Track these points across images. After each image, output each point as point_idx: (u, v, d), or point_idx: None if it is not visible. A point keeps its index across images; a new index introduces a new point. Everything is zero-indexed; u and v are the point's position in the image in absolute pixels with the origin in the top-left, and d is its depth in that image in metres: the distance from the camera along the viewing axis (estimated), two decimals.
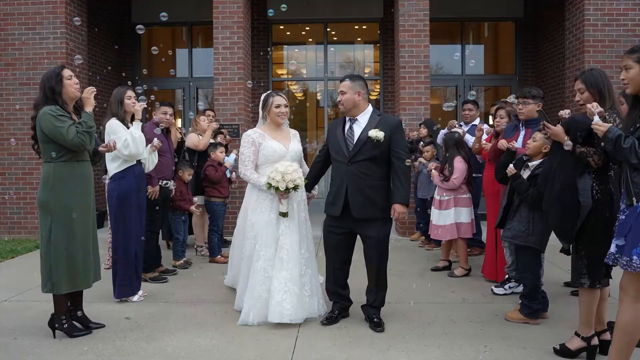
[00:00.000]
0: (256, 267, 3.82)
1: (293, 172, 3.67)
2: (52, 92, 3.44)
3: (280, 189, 3.67)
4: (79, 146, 3.41)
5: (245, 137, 3.96)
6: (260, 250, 3.82)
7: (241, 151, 3.94)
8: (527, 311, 3.74)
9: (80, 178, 3.50)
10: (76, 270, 3.48)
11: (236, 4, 7.20)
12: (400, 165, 3.60)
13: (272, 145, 3.92)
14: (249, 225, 3.96)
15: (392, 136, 3.61)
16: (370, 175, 3.61)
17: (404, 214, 3.62)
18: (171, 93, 10.22)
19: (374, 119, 3.68)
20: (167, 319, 3.96)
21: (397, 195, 3.58)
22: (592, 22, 7.11)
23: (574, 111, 4.75)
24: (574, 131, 3.07)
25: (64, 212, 3.41)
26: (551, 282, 4.71)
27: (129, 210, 4.25)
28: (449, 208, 5.15)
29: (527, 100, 4.35)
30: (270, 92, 4.13)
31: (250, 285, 3.84)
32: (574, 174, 3.05)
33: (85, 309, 3.85)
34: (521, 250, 3.76)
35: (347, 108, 3.70)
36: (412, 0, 7.16)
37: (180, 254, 5.60)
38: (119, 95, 4.38)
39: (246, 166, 3.92)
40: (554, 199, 3.13)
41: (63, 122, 3.35)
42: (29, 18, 7.38)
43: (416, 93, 7.20)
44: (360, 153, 3.62)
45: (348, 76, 3.77)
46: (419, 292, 4.63)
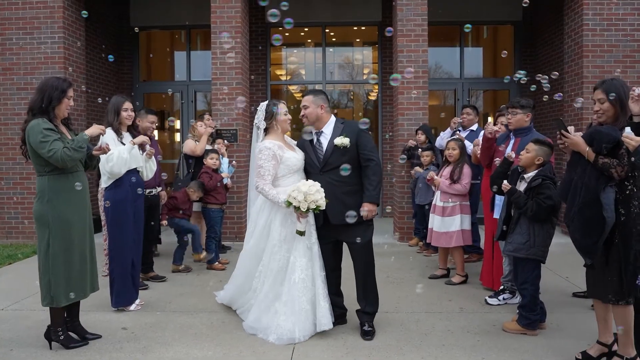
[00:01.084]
0: (293, 279, 3.70)
1: (316, 193, 3.53)
2: (49, 103, 3.42)
3: (302, 209, 3.54)
4: (62, 162, 3.30)
5: (265, 150, 3.75)
6: (296, 261, 3.73)
7: (259, 164, 3.74)
8: (525, 322, 3.73)
9: (74, 190, 3.48)
10: (74, 282, 3.47)
11: (234, 8, 7.18)
12: (370, 165, 3.69)
13: (292, 155, 3.84)
14: (280, 240, 3.78)
15: (358, 140, 3.72)
16: (344, 182, 3.67)
17: (373, 212, 3.70)
18: (169, 96, 10.20)
19: (338, 127, 3.79)
20: (164, 330, 3.95)
21: (366, 195, 3.68)
22: (590, 27, 7.10)
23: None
24: (599, 142, 2.97)
25: (62, 225, 3.39)
26: (549, 290, 4.70)
27: (124, 220, 4.23)
28: (453, 215, 5.11)
29: (516, 110, 4.35)
30: (271, 102, 4.00)
31: (287, 300, 3.70)
32: (596, 187, 2.95)
33: (82, 318, 3.85)
34: (521, 261, 3.75)
35: (311, 121, 3.81)
36: (411, 5, 7.14)
37: (181, 258, 5.64)
38: (117, 105, 4.33)
39: (265, 181, 3.72)
40: (575, 212, 3.03)
41: (47, 137, 3.30)
42: (26, 23, 7.36)
43: (414, 98, 7.18)
44: (330, 162, 3.72)
45: (310, 91, 3.89)
46: (416, 300, 4.62)
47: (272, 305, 3.78)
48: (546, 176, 3.62)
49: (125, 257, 4.26)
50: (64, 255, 3.41)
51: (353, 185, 3.73)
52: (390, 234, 7.73)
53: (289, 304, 3.71)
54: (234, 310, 4.26)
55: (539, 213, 3.59)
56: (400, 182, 7.30)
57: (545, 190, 3.58)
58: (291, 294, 3.71)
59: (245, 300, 4.11)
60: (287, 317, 3.69)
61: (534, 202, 3.60)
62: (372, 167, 3.69)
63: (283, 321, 3.68)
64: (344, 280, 4.09)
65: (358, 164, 3.74)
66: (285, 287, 3.75)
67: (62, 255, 3.40)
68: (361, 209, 3.66)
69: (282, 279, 3.78)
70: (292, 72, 10.38)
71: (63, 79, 3.56)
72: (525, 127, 4.37)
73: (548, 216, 3.63)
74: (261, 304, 3.83)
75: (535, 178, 3.66)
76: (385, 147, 9.37)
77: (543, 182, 3.60)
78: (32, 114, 3.41)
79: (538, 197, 3.60)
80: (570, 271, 5.50)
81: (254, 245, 3.99)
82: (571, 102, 7.46)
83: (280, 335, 3.64)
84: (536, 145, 3.73)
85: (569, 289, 4.92)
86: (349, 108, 10.59)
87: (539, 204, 3.57)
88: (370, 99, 10.36)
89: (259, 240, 3.93)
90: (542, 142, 3.77)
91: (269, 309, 3.78)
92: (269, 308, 3.78)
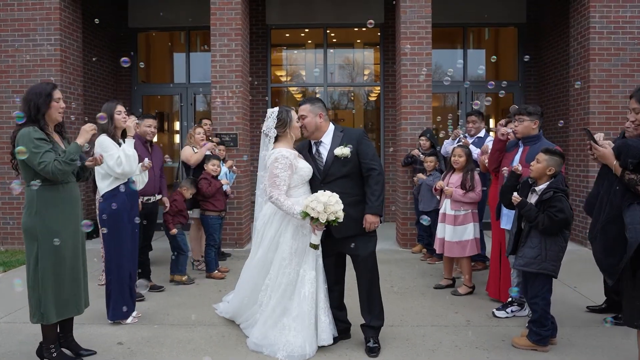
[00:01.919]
0: (303, 293, 3.58)
1: (335, 204, 3.34)
2: (37, 111, 3.27)
3: (321, 220, 3.34)
4: (52, 175, 3.17)
5: (282, 159, 3.54)
6: (305, 274, 3.61)
7: (275, 173, 3.53)
8: (535, 338, 3.59)
9: (66, 201, 3.34)
10: (66, 298, 3.33)
11: (234, 10, 7.04)
12: (372, 175, 3.56)
13: (305, 165, 3.68)
14: (291, 253, 3.63)
15: (359, 149, 3.58)
16: (345, 193, 3.52)
17: (375, 223, 3.57)
18: (169, 99, 10.07)
19: (337, 136, 3.66)
20: (162, 345, 3.81)
21: (368, 206, 3.55)
22: (597, 30, 6.97)
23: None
24: (625, 157, 2.83)
25: (51, 238, 3.24)
26: (557, 302, 4.55)
27: (121, 230, 4.09)
28: (466, 223, 4.97)
29: (523, 117, 4.19)
30: (284, 108, 3.79)
31: (298, 315, 3.56)
32: (621, 204, 2.80)
33: (76, 332, 3.72)
34: (532, 275, 3.61)
35: (310, 131, 3.68)
36: (414, 7, 7.01)
37: (184, 269, 5.48)
38: (109, 110, 4.19)
39: (281, 191, 3.52)
40: (598, 230, 2.89)
41: (39, 148, 3.16)
42: (22, 24, 7.22)
43: (418, 102, 7.05)
44: (331, 173, 3.60)
45: (307, 99, 3.74)
46: (421, 313, 4.49)
47: (279, 321, 3.63)
48: (558, 188, 3.48)
49: (123, 268, 4.13)
50: (53, 270, 3.26)
51: (355, 195, 3.59)
52: (393, 240, 7.60)
53: (299, 319, 3.57)
54: (237, 324, 4.11)
55: (551, 227, 3.45)
56: (403, 188, 7.16)
57: (557, 203, 3.44)
58: (302, 309, 3.57)
59: (250, 314, 3.95)
60: (298, 332, 3.54)
61: (546, 216, 3.46)
62: (375, 176, 3.55)
63: (293, 337, 3.54)
64: (349, 292, 3.95)
65: (360, 173, 3.61)
66: (295, 301, 3.61)
67: (51, 270, 3.25)
68: (363, 220, 3.53)
69: (292, 293, 3.63)
70: (293, 74, 10.25)
71: (46, 82, 3.41)
72: (534, 135, 4.22)
73: (560, 230, 3.49)
74: (268, 319, 3.67)
75: (547, 190, 3.51)
76: (387, 150, 9.23)
77: (555, 195, 3.46)
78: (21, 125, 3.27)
79: (549, 210, 3.46)
80: (579, 280, 5.37)
81: (261, 257, 3.81)
82: (577, 107, 7.32)
83: (291, 352, 3.49)
84: (547, 155, 3.58)
85: (578, 300, 4.79)
86: (350, 109, 10.47)
87: (550, 217, 3.44)
88: (371, 100, 10.23)
89: (266, 252, 3.77)
90: (553, 151, 3.62)
91: (276, 325, 3.63)
92: (276, 324, 3.63)
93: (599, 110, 6.97)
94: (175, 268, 5.44)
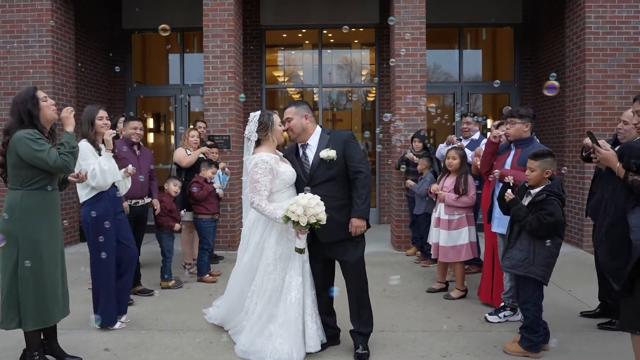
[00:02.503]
0: (289, 299, 3.53)
1: (316, 206, 3.29)
2: (30, 116, 3.24)
3: (302, 224, 3.30)
4: (63, 169, 3.23)
5: (262, 163, 3.50)
6: (292, 280, 3.56)
7: (255, 178, 3.49)
8: (527, 344, 3.54)
9: (48, 207, 3.29)
10: (45, 305, 3.26)
11: (227, 11, 6.98)
12: (358, 178, 3.49)
13: (288, 169, 3.63)
14: (276, 258, 3.58)
15: (345, 151, 3.52)
16: (332, 197, 3.48)
17: (361, 227, 3.50)
18: (164, 100, 10.02)
19: (324, 138, 3.60)
20: (148, 351, 3.76)
21: (354, 209, 3.48)
22: (593, 30, 6.91)
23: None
24: (628, 158, 2.78)
25: (32, 244, 3.19)
26: (551, 306, 4.51)
27: (106, 236, 4.02)
28: (460, 227, 4.90)
29: (514, 120, 4.14)
30: (265, 112, 3.76)
31: (284, 321, 3.51)
32: (625, 206, 2.76)
33: (62, 338, 3.67)
34: (522, 280, 3.55)
35: (297, 133, 3.63)
36: (409, 8, 6.95)
37: (170, 274, 5.39)
38: (90, 115, 4.11)
39: (262, 196, 3.48)
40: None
41: (42, 146, 3.15)
42: (14, 26, 7.17)
43: (412, 103, 6.99)
44: (317, 176, 3.54)
45: (291, 102, 3.70)
46: (413, 317, 4.43)
47: (266, 328, 3.57)
48: (552, 192, 3.42)
49: (108, 274, 4.07)
50: (34, 277, 3.20)
51: (342, 199, 3.53)
52: (387, 243, 7.54)
53: (286, 325, 3.51)
54: (226, 330, 4.05)
55: (538, 229, 3.40)
56: (397, 190, 7.11)
57: (548, 206, 3.38)
58: (288, 315, 3.52)
59: (238, 321, 3.89)
60: (284, 339, 3.49)
61: (535, 217, 3.41)
62: (361, 179, 3.49)
63: (279, 344, 3.48)
64: (339, 297, 3.90)
65: (347, 176, 3.55)
66: (281, 308, 3.55)
67: (32, 277, 3.19)
68: (349, 224, 3.48)
69: (277, 299, 3.58)
70: (287, 75, 10.19)
71: (27, 87, 3.38)
72: (526, 138, 4.17)
73: (549, 234, 3.43)
74: (254, 326, 3.61)
75: (540, 193, 3.46)
76: (382, 152, 9.18)
77: (547, 198, 3.40)
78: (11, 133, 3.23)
79: (539, 213, 3.41)
80: (574, 283, 5.32)
81: (246, 263, 3.76)
82: (572, 108, 7.27)
83: (278, 359, 3.44)
84: (537, 161, 3.52)
85: (573, 304, 4.73)
86: (345, 110, 10.43)
87: (539, 219, 3.39)
88: (367, 101, 10.18)
89: (252, 258, 3.72)
90: (542, 154, 3.54)
91: (263, 332, 3.57)
92: (263, 331, 3.57)
93: (594, 111, 6.92)
94: (162, 274, 5.39)
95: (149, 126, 10.33)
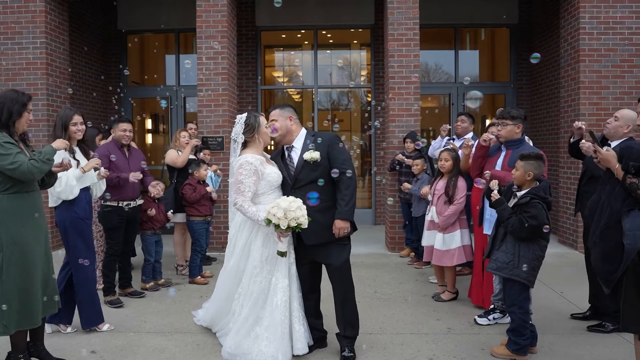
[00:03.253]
0: (275, 302, 3.51)
1: (297, 210, 3.28)
2: (9, 117, 3.22)
3: (282, 227, 3.29)
4: (26, 174, 3.11)
5: (246, 165, 3.50)
6: (278, 282, 3.54)
7: (239, 179, 3.49)
8: (514, 347, 3.52)
9: (31, 209, 3.26)
10: (29, 308, 3.24)
11: (220, 12, 6.98)
12: (342, 179, 3.48)
13: (273, 171, 3.62)
14: (262, 261, 3.56)
15: (329, 153, 3.52)
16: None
17: (344, 229, 3.49)
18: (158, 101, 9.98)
19: (308, 139, 3.60)
20: (135, 354, 3.75)
21: (337, 211, 3.47)
22: (587, 30, 6.89)
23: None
24: (627, 159, 2.75)
25: (16, 248, 3.16)
26: (541, 307, 4.50)
27: (84, 239, 3.96)
28: (453, 231, 4.85)
29: (506, 122, 4.13)
30: (251, 114, 3.76)
31: (270, 324, 3.50)
32: (620, 209, 2.72)
33: (49, 341, 3.67)
34: (508, 282, 3.54)
35: (282, 135, 3.62)
36: (402, 9, 6.94)
37: (149, 275, 5.36)
38: (64, 119, 3.99)
39: (245, 197, 3.47)
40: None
41: (9, 150, 3.11)
42: (7, 28, 7.17)
43: (406, 104, 6.98)
44: (301, 178, 3.54)
45: (276, 106, 3.71)
46: (403, 320, 4.42)
47: (252, 330, 3.56)
48: (537, 195, 3.40)
49: (88, 276, 4.02)
50: (19, 279, 3.18)
51: (327, 201, 3.51)
52: (382, 244, 7.52)
53: (271, 328, 3.50)
54: (214, 332, 4.04)
55: (518, 231, 3.39)
56: (391, 191, 7.09)
57: (532, 210, 3.36)
58: (273, 318, 3.51)
59: (225, 323, 3.88)
60: (270, 342, 3.48)
61: (517, 219, 3.40)
62: (344, 180, 3.47)
63: (265, 347, 3.47)
64: (326, 299, 3.89)
65: (331, 178, 3.52)
66: (267, 310, 3.54)
67: (16, 280, 3.17)
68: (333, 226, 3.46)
69: (264, 301, 3.56)
70: (283, 76, 10.18)
71: (22, 92, 3.34)
72: (517, 139, 4.16)
73: (531, 237, 3.41)
74: (241, 328, 3.60)
75: (525, 195, 3.44)
76: (379, 152, 9.16)
77: (531, 201, 3.38)
78: None
79: (522, 215, 3.40)
80: (565, 285, 5.30)
81: (233, 266, 3.75)
82: (567, 109, 7.24)
83: None
84: (522, 162, 3.50)
85: (563, 306, 4.71)
86: (341, 110, 10.41)
87: (521, 221, 3.37)
88: (362, 102, 10.16)
89: (238, 260, 3.71)
90: (528, 156, 3.53)
91: (249, 334, 3.56)
92: (249, 333, 3.56)
93: (589, 112, 6.89)
94: (141, 275, 5.37)
95: (147, 127, 10.34)
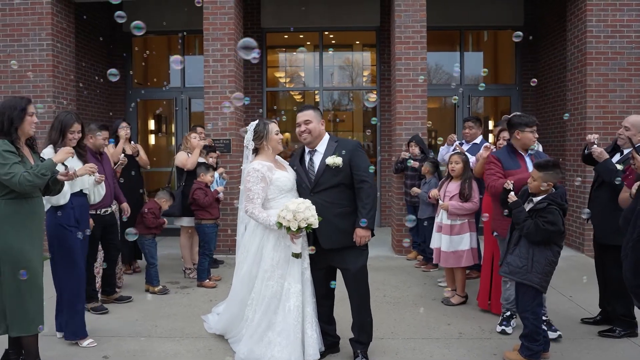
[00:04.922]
0: (288, 307, 3.51)
1: (305, 210, 3.30)
2: (10, 124, 3.23)
3: (292, 229, 3.31)
4: (20, 186, 3.09)
5: (253, 172, 3.54)
6: (290, 287, 3.54)
7: (248, 187, 3.54)
8: (527, 353, 3.52)
9: (29, 216, 3.26)
10: (27, 314, 3.24)
11: (227, 15, 6.97)
12: (363, 188, 3.49)
13: (282, 175, 3.63)
14: (273, 265, 3.56)
15: (352, 159, 3.51)
16: (335, 203, 3.49)
17: (366, 237, 3.49)
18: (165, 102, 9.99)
19: (331, 145, 3.61)
20: (147, 358, 3.76)
21: (358, 219, 3.46)
22: (594, 33, 6.88)
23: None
24: None
25: (15, 252, 3.16)
26: (551, 312, 4.49)
27: (71, 247, 3.89)
28: (462, 233, 4.86)
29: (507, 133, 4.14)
30: (261, 121, 3.78)
31: (283, 329, 3.50)
32: None
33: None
34: (521, 287, 3.54)
35: (314, 137, 3.61)
36: (409, 12, 6.93)
37: (156, 278, 5.36)
38: (64, 125, 3.96)
39: (255, 204, 3.52)
40: (629, 248, 2.76)
41: (7, 160, 3.10)
42: (14, 30, 7.16)
43: (413, 107, 6.97)
44: (321, 182, 3.54)
45: (308, 106, 3.69)
46: (413, 324, 4.42)
47: (265, 335, 3.56)
48: (554, 201, 3.40)
49: (75, 289, 3.94)
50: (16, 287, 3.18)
51: (346, 206, 3.53)
52: (388, 246, 7.52)
53: (284, 333, 3.50)
54: (226, 339, 4.03)
55: (534, 234, 3.39)
56: (398, 194, 7.09)
57: (549, 215, 3.37)
58: (286, 323, 3.51)
59: (238, 330, 3.87)
60: (283, 347, 3.48)
61: (533, 222, 3.40)
62: (366, 189, 3.48)
63: (278, 352, 3.47)
64: (339, 303, 3.89)
65: (351, 184, 3.54)
66: (280, 315, 3.54)
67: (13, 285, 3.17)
68: (354, 234, 3.47)
69: (276, 306, 3.56)
70: (288, 77, 10.17)
71: (21, 97, 3.35)
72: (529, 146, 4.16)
73: (545, 242, 3.41)
74: (253, 334, 3.60)
75: (542, 201, 3.44)
76: (383, 154, 9.16)
77: (548, 207, 3.39)
78: None
79: (539, 219, 3.40)
80: (574, 289, 5.29)
81: (246, 272, 3.75)
82: (573, 111, 7.24)
83: None
84: (540, 172, 3.49)
85: (573, 310, 4.71)
86: (347, 111, 10.41)
87: (537, 225, 3.37)
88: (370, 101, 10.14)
89: (251, 266, 3.71)
90: (544, 165, 3.52)
91: (262, 339, 3.56)
92: (262, 338, 3.56)
93: (596, 115, 6.89)
94: (148, 279, 5.37)
95: (150, 128, 10.35)
